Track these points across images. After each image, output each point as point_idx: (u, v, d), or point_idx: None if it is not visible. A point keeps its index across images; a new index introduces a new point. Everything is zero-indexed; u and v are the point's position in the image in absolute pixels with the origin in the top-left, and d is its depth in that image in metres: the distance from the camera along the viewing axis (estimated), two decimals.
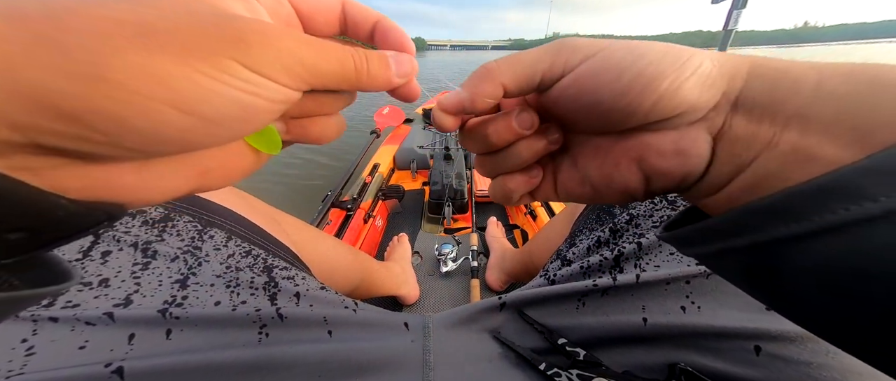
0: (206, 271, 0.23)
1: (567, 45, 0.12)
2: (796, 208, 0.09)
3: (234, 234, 0.26)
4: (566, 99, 0.13)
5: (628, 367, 0.22)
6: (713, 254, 0.12)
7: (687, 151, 0.12)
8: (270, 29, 0.09)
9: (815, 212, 0.09)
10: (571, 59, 0.12)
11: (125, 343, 0.19)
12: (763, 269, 0.10)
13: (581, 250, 0.30)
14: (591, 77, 0.12)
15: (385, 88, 0.13)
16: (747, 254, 0.11)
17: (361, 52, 0.11)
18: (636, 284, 0.24)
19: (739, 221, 0.10)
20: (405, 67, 0.13)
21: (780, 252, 0.10)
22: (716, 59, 0.11)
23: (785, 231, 0.09)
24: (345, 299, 0.28)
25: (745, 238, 0.10)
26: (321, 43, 0.10)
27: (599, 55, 0.12)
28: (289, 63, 0.10)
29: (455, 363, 0.26)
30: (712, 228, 0.11)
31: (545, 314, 0.27)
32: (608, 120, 0.12)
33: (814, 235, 0.09)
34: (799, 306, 0.10)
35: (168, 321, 0.20)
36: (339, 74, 0.11)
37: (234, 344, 0.21)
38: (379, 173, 1.10)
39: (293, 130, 0.13)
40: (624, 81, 0.11)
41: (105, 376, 0.18)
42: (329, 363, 0.23)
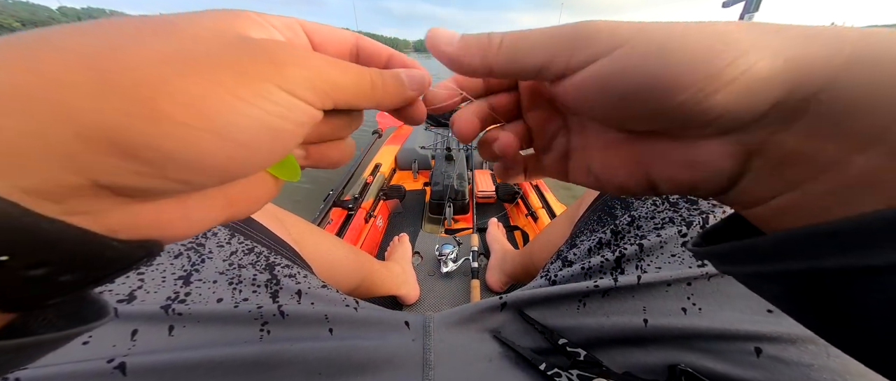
0: (209, 268, 0.23)
1: (580, 35, 0.10)
2: (875, 239, 0.07)
3: (237, 231, 0.27)
4: (572, 98, 0.11)
5: (628, 368, 0.22)
6: (756, 275, 0.10)
7: (700, 164, 0.10)
8: (298, 50, 0.10)
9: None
10: (577, 57, 0.10)
11: (128, 339, 0.19)
12: (820, 297, 0.09)
13: (582, 251, 0.30)
14: (600, 81, 0.10)
15: (401, 102, 0.13)
16: (802, 279, 0.09)
17: (376, 70, 0.12)
18: (637, 285, 0.24)
19: (796, 245, 0.09)
20: (416, 81, 0.13)
21: (849, 283, 0.08)
22: (789, 48, 0.08)
23: (861, 262, 0.08)
24: (346, 298, 0.29)
25: (801, 264, 0.09)
26: (340, 61, 0.11)
27: (616, 55, 0.10)
28: (317, 82, 0.10)
29: (455, 363, 0.26)
30: (759, 248, 0.10)
31: (546, 315, 0.27)
32: (618, 122, 0.11)
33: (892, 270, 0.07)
34: (863, 337, 0.09)
35: (171, 317, 0.21)
36: (358, 89, 0.11)
37: (236, 341, 0.22)
38: (380, 173, 1.11)
39: (313, 156, 0.13)
40: (635, 89, 0.09)
41: (107, 371, 0.18)
42: (330, 360, 0.23)
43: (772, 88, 0.08)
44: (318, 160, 0.13)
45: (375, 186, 1.02)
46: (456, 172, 1.01)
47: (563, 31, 0.11)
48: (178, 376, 0.19)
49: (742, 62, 0.08)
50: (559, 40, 0.11)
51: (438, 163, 1.10)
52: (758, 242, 0.10)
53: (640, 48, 0.09)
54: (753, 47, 0.08)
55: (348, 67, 0.11)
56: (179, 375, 0.19)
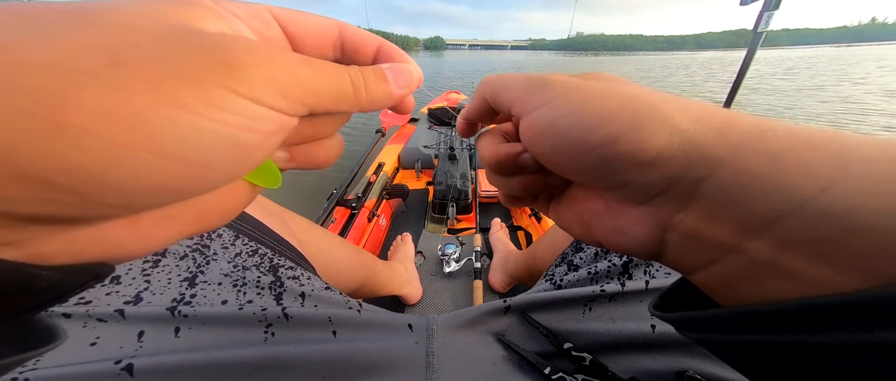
0: (213, 270, 0.23)
1: (540, 85, 0.12)
2: (812, 322, 0.08)
3: (242, 232, 0.27)
4: (525, 139, 0.13)
5: (635, 373, 0.22)
6: (711, 343, 0.11)
7: (624, 231, 0.11)
8: (261, 47, 0.08)
9: (834, 330, 0.08)
10: (529, 102, 0.12)
11: (135, 340, 0.19)
12: (771, 363, 0.10)
13: (588, 255, 0.29)
14: (538, 128, 0.12)
15: (387, 104, 0.12)
16: (752, 351, 0.10)
17: (356, 69, 0.11)
18: (646, 290, 0.24)
19: (745, 321, 0.09)
20: (404, 78, 0.12)
21: (802, 356, 0.09)
22: (687, 128, 0.09)
23: (806, 340, 0.08)
24: (349, 300, 0.29)
25: (756, 336, 0.09)
26: (315, 61, 0.09)
27: (546, 108, 0.12)
28: (287, 85, 0.08)
29: (458, 366, 0.26)
30: (709, 322, 0.10)
31: (551, 319, 0.27)
32: (556, 169, 0.13)
33: (848, 349, 0.08)
34: None
35: (177, 318, 0.21)
36: (338, 94, 0.10)
37: (241, 343, 0.22)
38: (383, 172, 1.11)
39: (297, 157, 0.12)
40: (559, 140, 0.11)
41: (115, 373, 0.18)
42: (333, 363, 0.23)
43: (665, 163, 0.10)
44: (303, 162, 0.12)
45: (378, 186, 1.02)
46: (459, 171, 1.01)
47: (526, 80, 0.13)
48: (185, 377, 0.19)
49: (642, 132, 0.10)
50: (521, 85, 0.13)
51: (441, 162, 1.10)
52: (707, 315, 0.10)
53: (562, 105, 0.11)
54: (655, 123, 0.10)
55: (324, 67, 0.10)
56: (186, 376, 0.19)
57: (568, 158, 0.11)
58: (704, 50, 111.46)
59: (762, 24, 0.90)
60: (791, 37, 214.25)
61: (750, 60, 0.97)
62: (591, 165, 0.11)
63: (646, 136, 0.10)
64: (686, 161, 0.09)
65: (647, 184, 0.10)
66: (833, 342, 0.08)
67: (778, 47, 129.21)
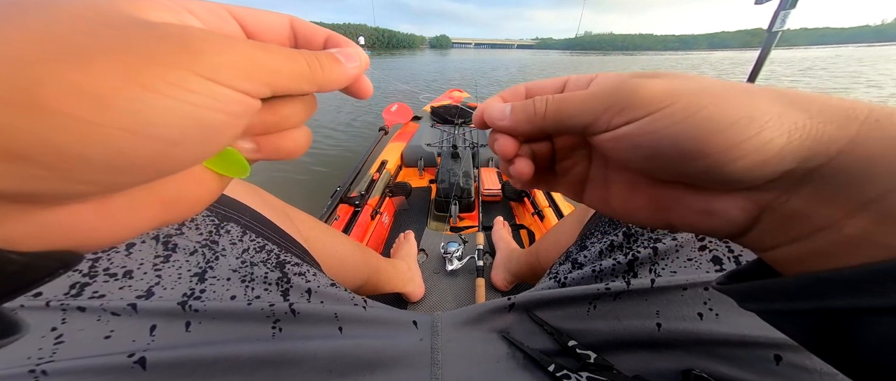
0: (222, 265, 0.24)
1: (620, 99, 0.12)
2: (877, 285, 0.09)
3: (249, 229, 0.27)
4: (606, 148, 0.13)
5: (640, 372, 0.22)
6: (776, 312, 0.12)
7: (716, 213, 0.11)
8: (218, 35, 0.09)
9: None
10: (616, 120, 0.12)
11: (147, 334, 0.20)
12: (832, 333, 0.10)
13: (593, 253, 0.29)
14: (632, 140, 0.11)
15: (343, 82, 0.12)
16: (814, 317, 0.10)
17: (310, 53, 0.11)
18: (651, 289, 0.23)
19: (808, 288, 0.10)
20: (354, 60, 0.13)
21: (856, 322, 0.09)
22: (804, 127, 0.10)
23: (864, 303, 0.09)
24: (354, 296, 0.29)
25: (812, 303, 0.10)
26: (270, 45, 0.10)
27: (648, 120, 0.11)
28: (246, 67, 0.09)
29: (463, 363, 0.26)
30: (776, 289, 0.11)
31: (555, 317, 0.27)
32: (641, 170, 0.12)
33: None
34: (870, 370, 0.10)
35: (187, 313, 0.21)
36: (294, 72, 0.10)
37: (249, 338, 0.22)
38: (386, 170, 1.11)
39: (265, 148, 0.12)
40: (662, 150, 0.11)
41: (128, 366, 0.18)
42: (340, 359, 0.23)
43: (784, 159, 0.10)
44: (271, 153, 0.12)
45: (381, 183, 1.02)
46: (462, 169, 1.01)
47: (605, 95, 0.12)
48: (196, 371, 0.19)
49: (762, 137, 0.10)
50: (601, 103, 0.12)
51: (444, 160, 1.10)
52: (772, 283, 0.11)
53: (672, 116, 0.11)
54: (773, 123, 0.10)
55: (278, 49, 0.10)
56: (196, 370, 0.19)
57: (668, 165, 0.11)
58: (717, 50, 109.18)
59: (777, 23, 0.88)
60: (810, 36, 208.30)
61: (763, 60, 0.95)
62: (698, 170, 0.11)
63: (767, 139, 0.10)
64: (805, 155, 0.10)
65: (760, 179, 0.10)
66: (890, 304, 0.08)
67: (796, 47, 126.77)
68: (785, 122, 0.10)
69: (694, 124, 0.10)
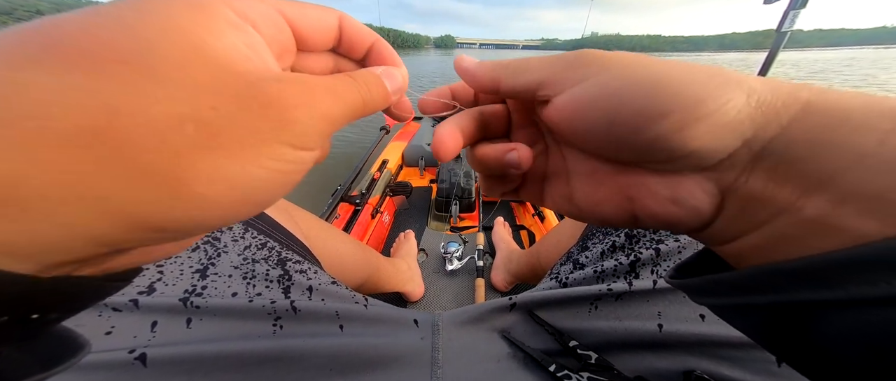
0: (224, 262, 0.24)
1: (574, 61, 0.11)
2: (833, 277, 0.08)
3: (251, 226, 0.27)
4: (562, 116, 0.12)
5: (641, 372, 0.22)
6: (729, 307, 0.11)
7: (683, 201, 0.11)
8: (303, 95, 0.09)
9: (854, 283, 0.08)
10: (569, 76, 0.11)
11: (148, 330, 0.20)
12: (785, 328, 0.10)
13: (594, 254, 0.29)
14: (584, 102, 0.11)
15: (384, 107, 0.12)
16: (768, 312, 0.10)
17: (362, 81, 0.11)
18: (653, 290, 0.23)
19: (762, 280, 0.10)
20: (398, 82, 0.13)
21: (811, 315, 0.09)
22: (759, 92, 0.09)
23: (820, 296, 0.09)
24: (355, 295, 0.29)
25: (767, 297, 0.10)
26: (340, 90, 0.10)
27: (598, 79, 0.11)
28: (322, 127, 0.10)
29: (463, 362, 0.26)
30: (729, 282, 0.11)
31: (556, 317, 0.27)
32: (599, 149, 0.12)
33: (854, 304, 0.08)
34: (823, 365, 0.10)
35: (189, 309, 0.21)
36: (354, 112, 0.11)
37: (251, 335, 0.22)
38: (387, 170, 1.11)
39: None
40: (619, 113, 0.10)
41: (129, 362, 0.18)
42: (340, 357, 0.23)
43: (741, 126, 0.09)
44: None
45: (382, 183, 1.02)
46: (462, 170, 1.01)
47: (561, 57, 0.12)
48: (196, 368, 0.19)
49: (716, 100, 0.09)
50: (556, 64, 0.12)
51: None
52: (725, 277, 0.11)
53: (621, 75, 0.10)
54: (726, 89, 0.09)
55: (346, 95, 0.10)
56: (197, 367, 0.19)
57: (624, 134, 0.10)
58: (728, 51, 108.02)
59: (787, 23, 0.86)
60: (825, 38, 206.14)
61: (771, 61, 0.94)
62: (658, 136, 0.10)
63: (729, 97, 0.09)
64: (761, 121, 0.09)
65: (722, 147, 0.10)
66: (849, 296, 0.08)
67: (809, 49, 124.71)
68: (743, 84, 0.10)
69: (647, 82, 0.10)
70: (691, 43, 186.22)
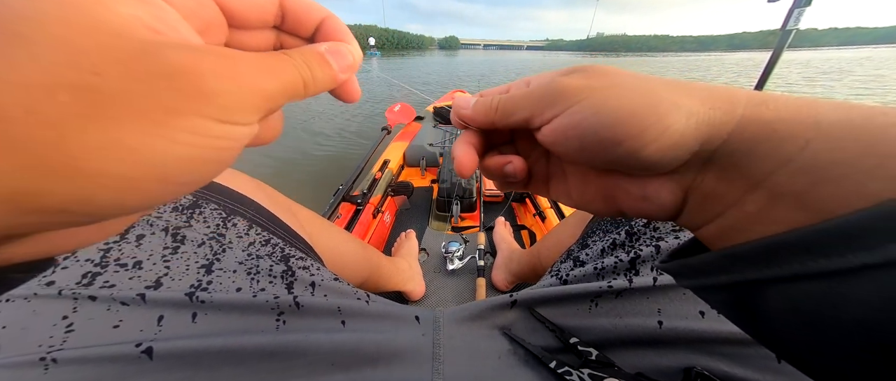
0: (229, 258, 0.24)
1: (549, 95, 0.13)
2: (772, 257, 0.10)
3: (255, 223, 0.27)
4: (548, 142, 0.14)
5: (641, 369, 0.22)
6: (699, 287, 0.13)
7: (651, 198, 0.13)
8: (224, 65, 0.08)
9: (787, 261, 0.10)
10: (546, 114, 0.13)
11: (155, 324, 0.20)
12: (743, 304, 0.11)
13: (595, 251, 0.29)
14: (561, 132, 0.13)
15: (331, 87, 0.12)
16: (728, 291, 0.12)
17: (300, 60, 0.10)
18: (653, 287, 0.24)
19: (717, 263, 0.12)
20: (346, 60, 0.12)
21: (758, 292, 0.11)
22: (698, 113, 0.11)
23: (763, 274, 0.10)
24: (357, 291, 0.29)
25: (725, 278, 0.11)
26: (271, 65, 0.09)
27: (568, 113, 0.13)
28: (254, 101, 0.09)
29: (464, 358, 0.26)
30: (694, 266, 0.13)
31: (556, 314, 0.27)
32: (581, 162, 0.14)
33: (790, 279, 0.10)
34: (775, 339, 0.11)
35: (194, 304, 0.21)
36: (291, 92, 0.10)
37: (254, 330, 0.22)
38: (389, 170, 1.11)
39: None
40: (585, 139, 0.12)
41: (135, 355, 0.18)
42: (342, 352, 0.24)
43: (687, 141, 0.11)
44: (250, 142, 0.12)
45: (383, 182, 1.03)
46: None
47: (536, 93, 0.14)
48: (201, 361, 0.20)
49: (667, 120, 0.11)
50: (535, 101, 0.14)
51: (446, 160, 1.10)
52: (692, 261, 0.13)
53: (585, 108, 0.12)
54: (671, 111, 0.11)
55: (280, 69, 0.10)
56: (202, 361, 0.20)
57: (595, 154, 0.13)
58: (738, 51, 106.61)
59: (792, 21, 0.85)
60: (840, 36, 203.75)
61: (775, 61, 0.93)
62: (620, 156, 0.12)
63: (670, 123, 0.11)
64: (703, 137, 0.11)
65: (673, 160, 0.12)
66: (783, 274, 0.10)
67: (824, 48, 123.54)
68: (682, 109, 0.11)
69: (605, 115, 0.12)
70: (700, 43, 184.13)
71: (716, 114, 0.11)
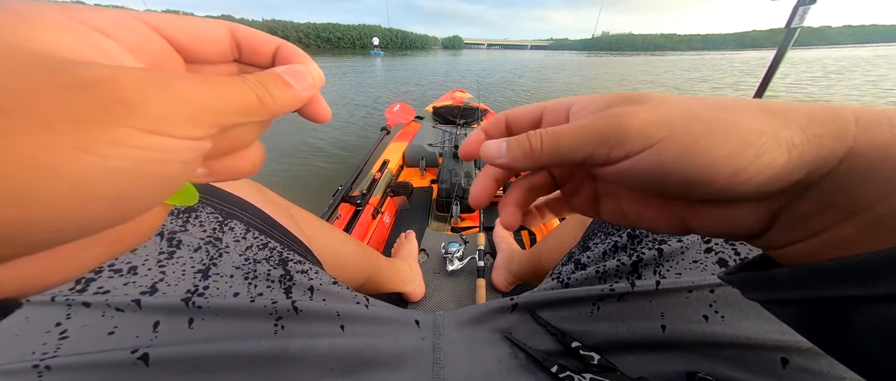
0: (226, 262, 0.24)
1: (617, 131, 0.12)
2: (860, 276, 0.10)
3: (252, 226, 0.27)
4: (613, 180, 0.13)
5: (644, 373, 0.22)
6: (772, 301, 0.13)
7: (734, 221, 0.12)
8: (153, 77, 0.08)
9: (879, 282, 0.09)
10: (615, 153, 0.12)
11: (150, 330, 0.19)
12: (824, 321, 0.11)
13: (596, 254, 0.29)
14: (638, 174, 0.12)
15: (295, 105, 0.12)
16: (806, 307, 0.11)
17: (253, 80, 0.10)
18: (656, 290, 0.23)
19: (801, 278, 0.11)
20: (306, 80, 0.12)
21: (846, 310, 0.10)
22: (802, 143, 0.10)
23: (856, 292, 0.10)
24: (356, 295, 0.29)
25: (804, 292, 0.11)
26: (214, 80, 0.09)
27: (647, 154, 0.11)
28: (190, 112, 0.08)
29: (465, 362, 0.26)
30: (772, 279, 0.12)
31: (558, 317, 0.26)
32: (653, 194, 0.13)
33: (877, 300, 0.09)
34: (860, 358, 0.11)
35: (190, 309, 0.21)
36: (245, 108, 0.10)
37: (252, 335, 0.22)
38: (388, 170, 1.11)
39: (218, 171, 0.11)
40: (669, 179, 0.11)
41: (131, 362, 0.18)
42: (341, 357, 0.23)
43: (791, 174, 0.10)
44: (225, 174, 0.11)
45: (383, 183, 1.02)
46: (463, 170, 1.01)
47: (598, 130, 0.12)
48: (198, 367, 0.19)
49: (763, 160, 0.10)
50: (596, 138, 0.12)
51: (446, 161, 1.10)
52: (769, 274, 0.12)
53: (669, 148, 0.11)
54: (769, 144, 0.10)
55: (224, 84, 0.09)
56: (199, 367, 0.19)
57: (678, 192, 0.12)
58: (747, 50, 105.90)
59: (797, 19, 0.84)
60: (855, 34, 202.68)
61: (779, 60, 0.92)
62: (710, 193, 0.11)
63: (769, 160, 0.10)
64: (808, 169, 0.10)
65: (769, 193, 0.11)
66: (872, 293, 0.09)
67: (840, 46, 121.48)
68: (781, 141, 0.10)
69: (694, 156, 0.11)
70: (708, 41, 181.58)
71: (824, 142, 0.10)
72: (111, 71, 0.07)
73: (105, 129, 0.07)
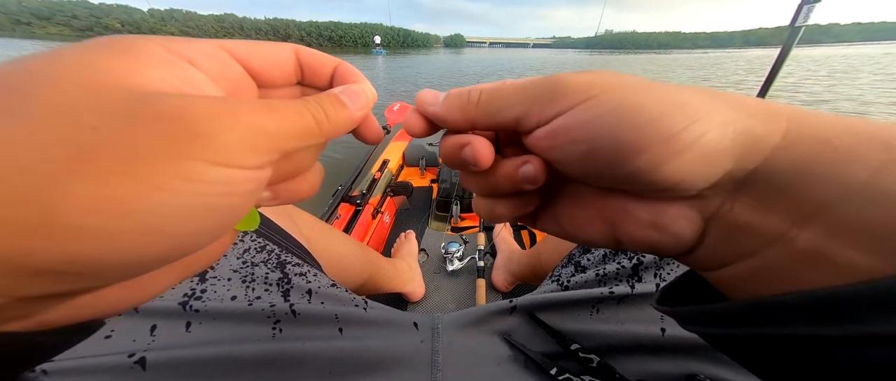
0: (223, 266, 0.24)
1: (550, 89, 0.11)
2: (834, 313, 0.08)
3: None
4: (542, 147, 0.11)
5: (643, 376, 0.22)
6: (718, 337, 0.11)
7: (664, 227, 0.11)
8: (221, 107, 0.08)
9: (857, 320, 0.08)
10: (546, 111, 0.11)
11: (147, 334, 0.19)
12: (786, 360, 0.10)
13: (596, 256, 0.29)
14: (564, 133, 0.10)
15: (350, 127, 0.12)
16: (761, 343, 0.10)
17: (313, 102, 0.10)
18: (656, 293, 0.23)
19: (752, 314, 0.10)
20: (361, 100, 0.12)
21: (810, 349, 0.09)
22: (735, 121, 0.09)
23: (820, 332, 0.08)
24: (355, 297, 0.29)
25: (763, 329, 0.09)
26: (275, 105, 0.09)
27: (578, 109, 0.10)
28: (255, 141, 0.08)
29: (464, 365, 0.26)
30: (717, 314, 0.10)
31: (557, 320, 0.26)
32: (581, 178, 0.11)
33: (854, 341, 0.08)
34: None
35: (188, 313, 0.21)
36: (304, 133, 0.10)
37: (250, 339, 0.22)
38: (388, 170, 1.11)
39: (282, 195, 0.12)
40: (596, 143, 0.10)
41: (128, 366, 0.18)
42: (340, 360, 0.23)
43: (722, 157, 0.09)
44: (287, 198, 0.12)
45: (383, 183, 1.02)
46: None
47: (535, 86, 0.11)
48: (196, 371, 0.19)
49: (697, 128, 0.09)
50: (531, 95, 0.11)
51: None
52: (719, 308, 0.10)
53: (600, 104, 0.10)
54: (704, 117, 0.09)
55: (285, 110, 0.09)
56: (196, 370, 0.19)
57: (604, 164, 0.10)
58: (753, 47, 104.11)
59: (801, 17, 0.82)
60: (864, 31, 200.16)
61: (783, 59, 0.90)
62: (638, 168, 0.10)
63: (704, 130, 0.09)
64: (741, 152, 0.09)
65: (701, 179, 0.10)
66: (854, 333, 0.08)
67: (849, 44, 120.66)
68: (715, 115, 0.09)
69: (626, 113, 0.09)
70: (714, 39, 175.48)
71: (754, 124, 0.09)
72: (183, 101, 0.08)
73: (177, 164, 0.07)
